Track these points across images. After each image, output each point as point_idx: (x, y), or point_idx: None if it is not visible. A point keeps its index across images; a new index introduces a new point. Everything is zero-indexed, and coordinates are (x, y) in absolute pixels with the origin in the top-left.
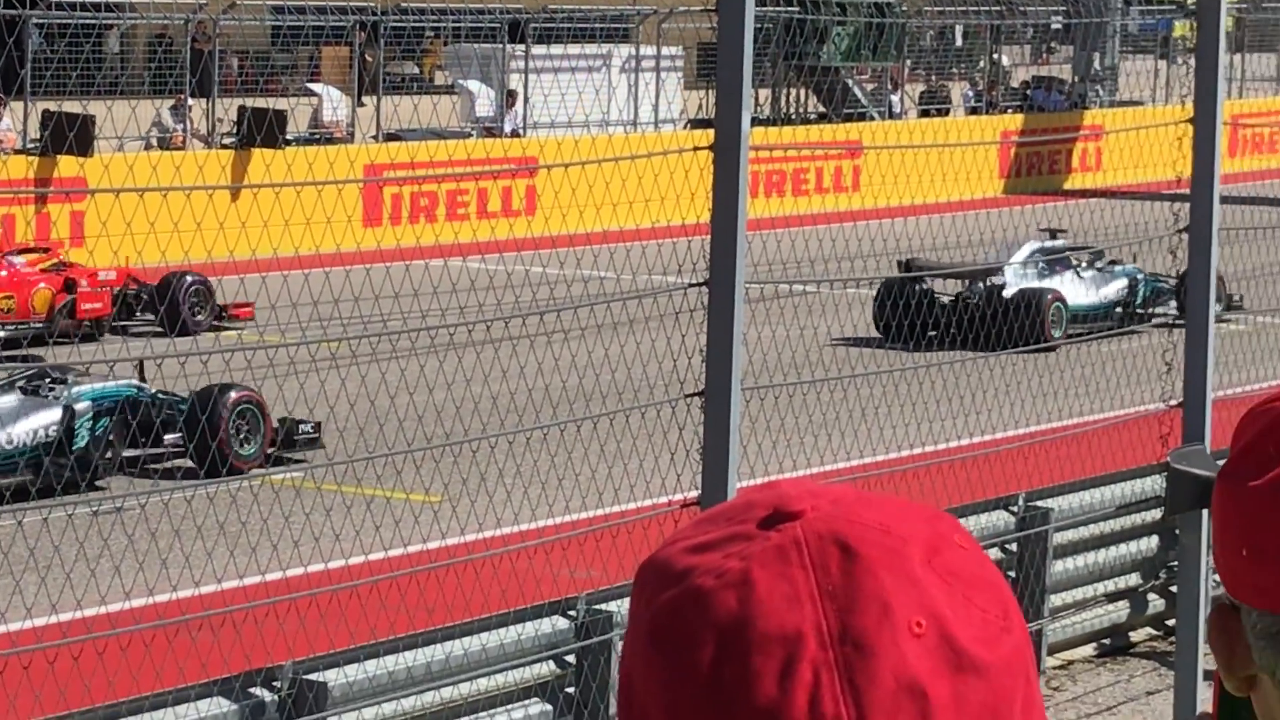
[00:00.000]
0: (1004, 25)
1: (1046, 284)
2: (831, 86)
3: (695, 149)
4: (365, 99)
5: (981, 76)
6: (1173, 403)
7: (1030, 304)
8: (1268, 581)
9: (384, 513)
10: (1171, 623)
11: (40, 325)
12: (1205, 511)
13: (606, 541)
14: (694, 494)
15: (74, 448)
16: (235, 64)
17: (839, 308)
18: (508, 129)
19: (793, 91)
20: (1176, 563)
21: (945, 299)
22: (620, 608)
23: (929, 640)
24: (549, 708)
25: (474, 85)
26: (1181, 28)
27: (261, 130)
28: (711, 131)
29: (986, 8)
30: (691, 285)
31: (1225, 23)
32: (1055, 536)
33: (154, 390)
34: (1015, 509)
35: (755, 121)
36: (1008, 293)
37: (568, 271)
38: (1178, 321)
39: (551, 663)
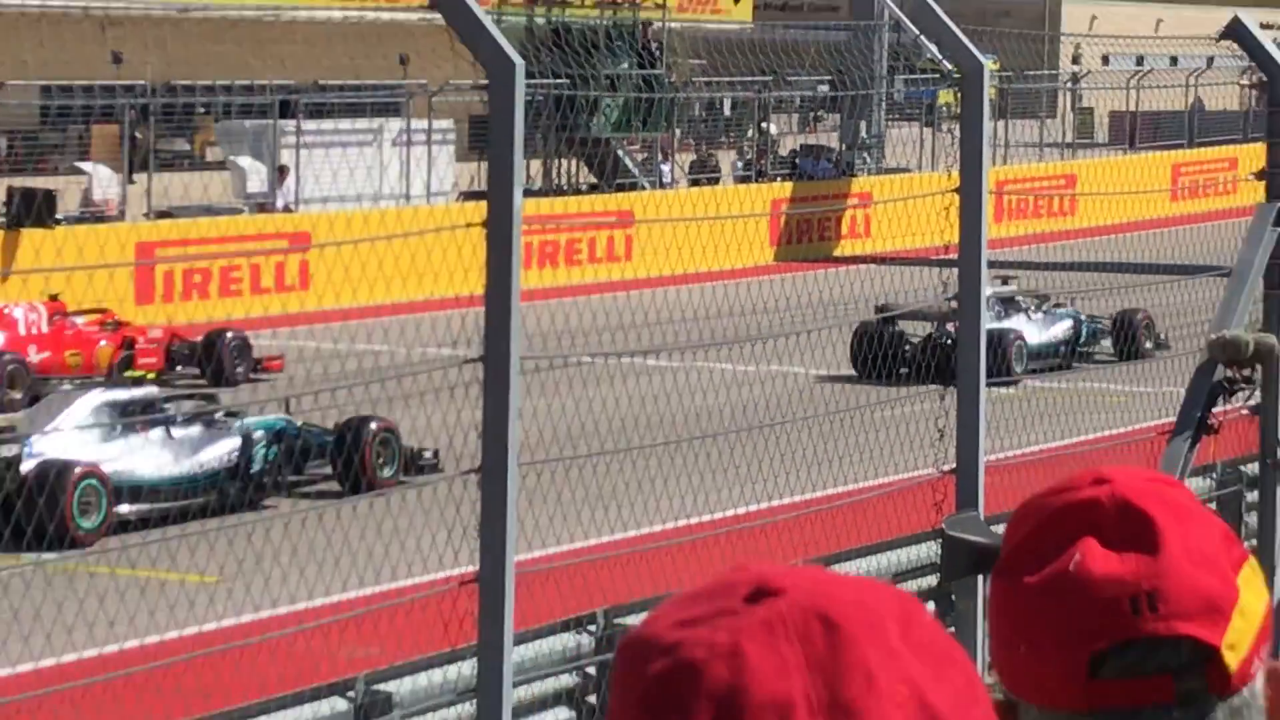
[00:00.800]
0: (771, 95)
1: (1006, 324)
2: (603, 157)
3: (468, 225)
4: (136, 176)
5: (750, 145)
6: (946, 468)
7: (995, 343)
8: (1045, 677)
9: (159, 595)
10: None
11: (101, 379)
12: (980, 578)
13: (385, 620)
14: (471, 570)
15: (252, 471)
16: (4, 143)
17: (614, 379)
18: (280, 204)
19: (564, 163)
20: (953, 629)
21: (914, 340)
22: (398, 687)
23: (910, 709)
24: None
25: (245, 161)
26: (945, 95)
27: (31, 211)
28: (484, 205)
29: (754, 78)
30: (467, 360)
31: (989, 93)
32: None
33: (300, 422)
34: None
35: (527, 193)
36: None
37: (342, 346)
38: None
39: None
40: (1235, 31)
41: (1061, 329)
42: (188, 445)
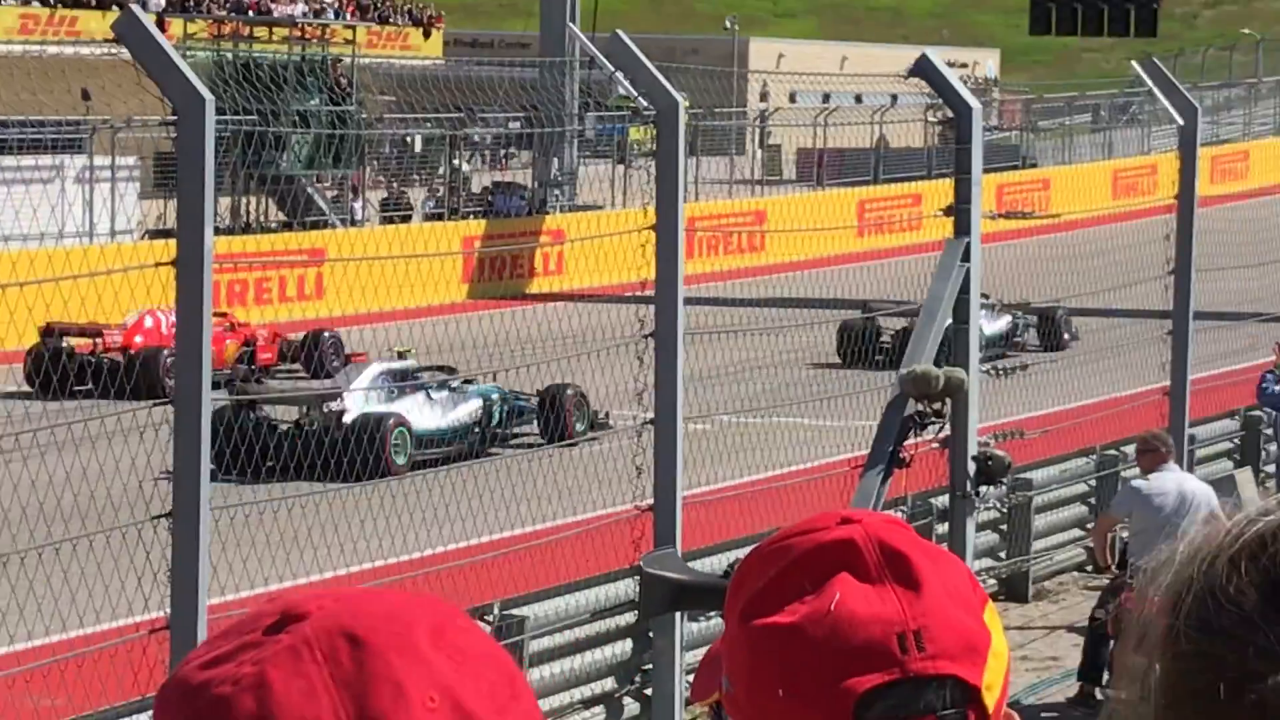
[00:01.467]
0: (463, 132)
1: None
2: (293, 195)
3: (157, 264)
4: None
5: (442, 183)
6: (644, 505)
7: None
8: (804, 718)
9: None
10: None
11: (225, 372)
12: (679, 614)
13: (72, 670)
14: (163, 615)
15: (492, 427)
16: None
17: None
18: None
19: (253, 200)
20: (650, 666)
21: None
22: None
23: (442, 713)
24: None
25: None
26: (637, 132)
27: None
28: (173, 243)
29: (445, 114)
30: (157, 403)
31: (683, 133)
32: (531, 644)
33: (505, 390)
34: (491, 618)
35: (215, 231)
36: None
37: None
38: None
39: None
40: (923, 69)
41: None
42: (446, 405)
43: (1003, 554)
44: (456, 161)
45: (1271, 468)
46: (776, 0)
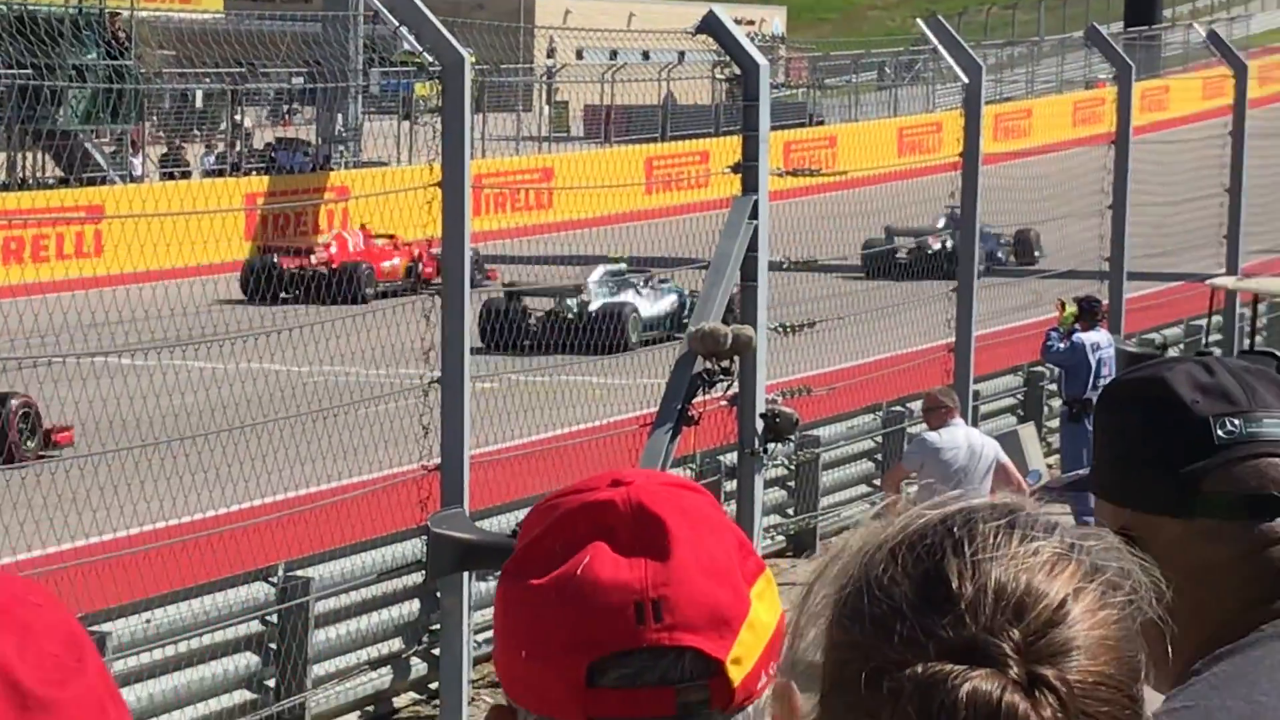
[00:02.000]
0: (244, 88)
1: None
2: (70, 150)
3: None
4: None
5: (223, 139)
6: (431, 465)
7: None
8: (545, 685)
9: None
10: (435, 686)
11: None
12: (466, 574)
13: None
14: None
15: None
16: None
17: (86, 379)
18: None
19: (29, 156)
20: (438, 626)
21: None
22: None
23: None
24: None
25: None
26: (423, 88)
27: None
28: None
29: (227, 69)
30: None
31: (469, 89)
32: (316, 605)
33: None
34: (275, 580)
35: None
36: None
37: None
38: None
39: None
40: (710, 26)
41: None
42: (654, 298)
43: (791, 510)
44: (239, 117)
45: (1055, 423)
46: None
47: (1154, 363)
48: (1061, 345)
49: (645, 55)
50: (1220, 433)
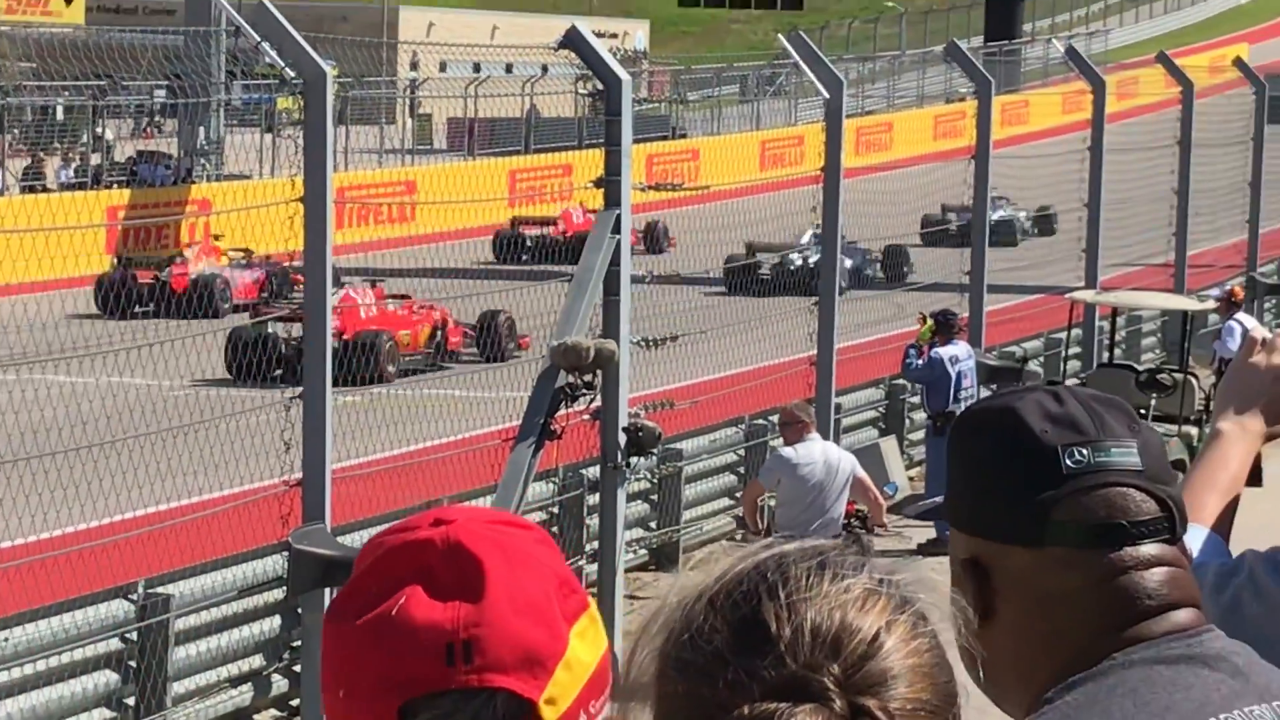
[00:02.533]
0: (106, 102)
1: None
2: None
3: None
4: None
5: (84, 151)
6: (292, 480)
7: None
8: None
9: None
10: (296, 703)
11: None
12: (328, 590)
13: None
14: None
15: None
16: None
17: None
18: None
19: None
20: (300, 643)
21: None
22: None
23: None
24: None
25: None
26: (285, 101)
27: None
28: None
29: (88, 82)
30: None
31: (331, 103)
32: (176, 622)
33: None
34: (135, 597)
35: None
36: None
37: None
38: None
39: None
40: (572, 41)
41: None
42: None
43: (654, 524)
44: (100, 130)
45: (916, 434)
46: None
47: (1005, 392)
48: (919, 362)
49: (509, 68)
50: (1069, 462)
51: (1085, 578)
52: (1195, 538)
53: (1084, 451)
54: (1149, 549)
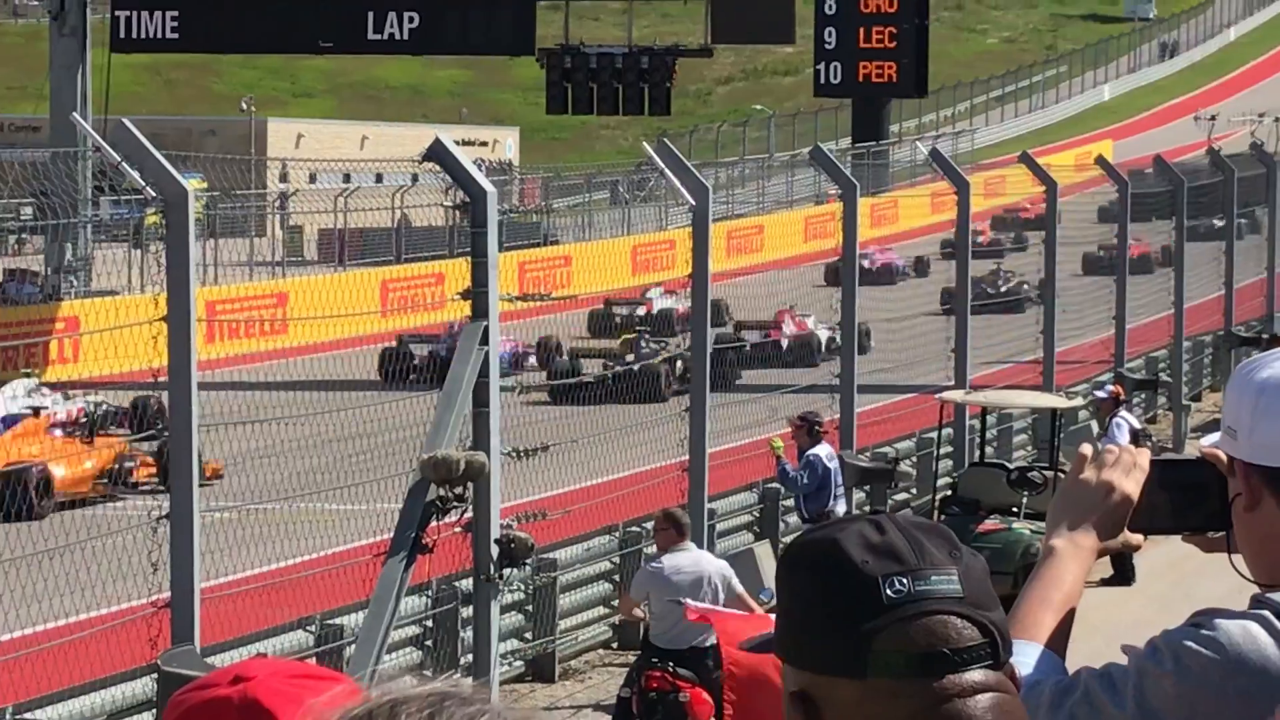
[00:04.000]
0: None
1: None
2: None
3: None
4: None
5: None
6: (161, 601)
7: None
8: None
9: None
10: None
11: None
12: None
13: None
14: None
15: None
16: None
17: None
18: None
19: None
20: None
21: None
22: None
23: None
24: None
25: None
26: (153, 217)
27: None
28: None
29: None
30: None
31: (195, 215)
32: None
33: None
34: None
35: None
36: None
37: None
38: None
39: None
40: (437, 154)
41: None
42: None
43: (529, 634)
44: None
45: (790, 538)
46: (294, 80)
47: (829, 523)
48: (804, 475)
49: (379, 178)
50: (889, 592)
51: (911, 707)
52: (1030, 655)
53: (904, 581)
54: (973, 676)
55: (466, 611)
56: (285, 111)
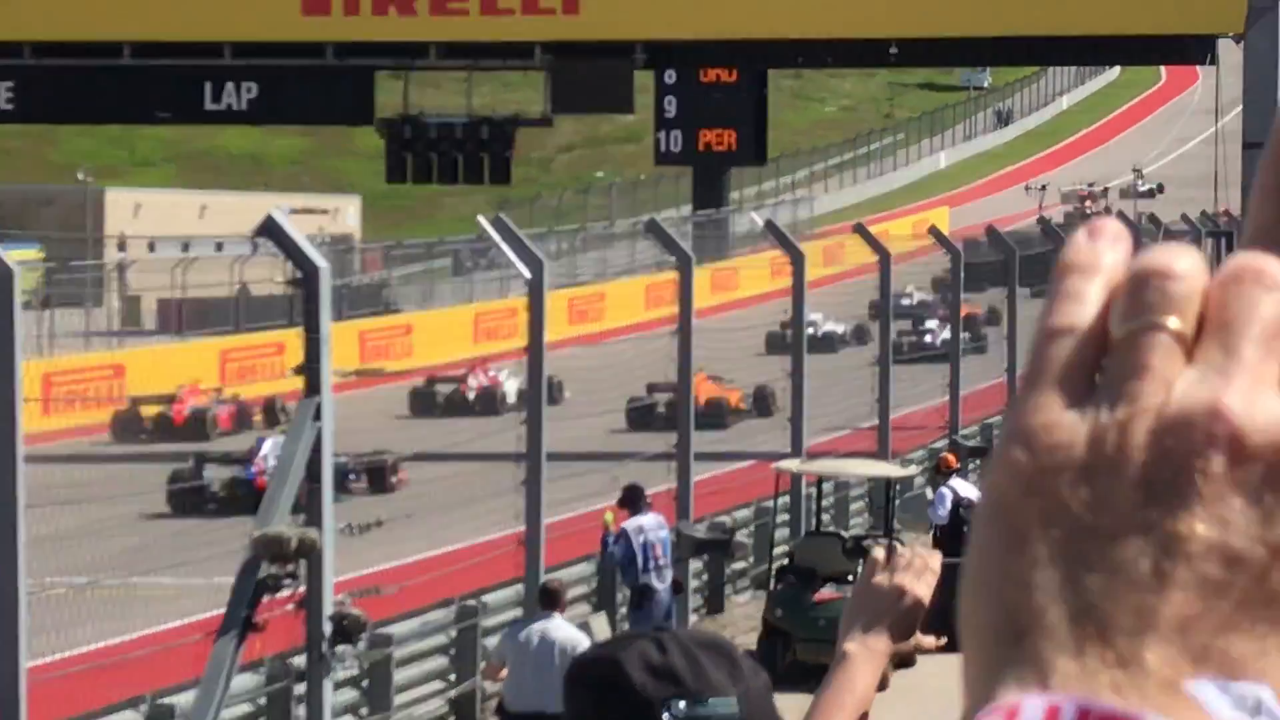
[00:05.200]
0: None
1: None
2: None
3: None
4: None
5: None
6: None
7: None
8: None
9: None
10: None
11: None
12: None
13: None
14: None
15: None
16: None
17: None
18: None
19: None
20: None
21: None
22: None
23: None
24: None
25: None
26: None
27: None
28: None
29: None
30: None
31: (19, 297)
32: None
33: None
34: None
35: None
36: None
37: None
38: None
39: None
40: (270, 230)
41: None
42: None
43: (364, 710)
44: None
45: (624, 609)
46: (133, 148)
47: (614, 639)
48: (616, 547)
49: (219, 246)
50: (667, 715)
51: None
52: None
53: (682, 705)
54: None
55: (300, 689)
56: (124, 180)
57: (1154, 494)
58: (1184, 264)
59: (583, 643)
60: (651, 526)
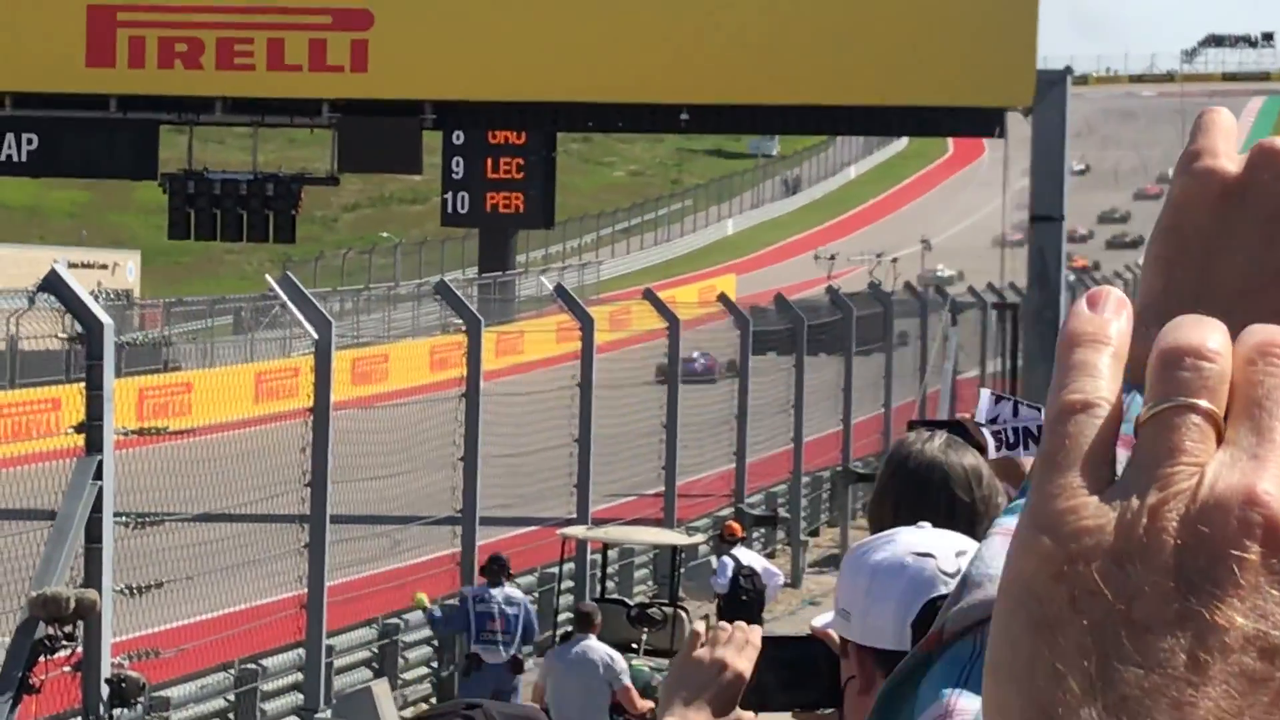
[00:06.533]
0: None
1: None
2: None
3: None
4: None
5: None
6: None
7: None
8: None
9: None
10: None
11: None
12: None
13: None
14: None
15: None
16: None
17: None
18: None
19: None
20: None
21: None
22: None
23: None
24: None
25: None
26: None
27: None
28: None
29: None
30: None
31: None
32: None
33: None
34: None
35: None
36: None
37: None
38: None
39: None
40: (52, 285)
41: None
42: None
43: None
44: None
45: (412, 673)
46: None
47: (431, 710)
48: (440, 610)
49: None
50: None
51: None
52: None
53: None
54: None
55: None
56: None
57: (1189, 583)
58: (1215, 342)
59: (618, 658)
60: (498, 599)
